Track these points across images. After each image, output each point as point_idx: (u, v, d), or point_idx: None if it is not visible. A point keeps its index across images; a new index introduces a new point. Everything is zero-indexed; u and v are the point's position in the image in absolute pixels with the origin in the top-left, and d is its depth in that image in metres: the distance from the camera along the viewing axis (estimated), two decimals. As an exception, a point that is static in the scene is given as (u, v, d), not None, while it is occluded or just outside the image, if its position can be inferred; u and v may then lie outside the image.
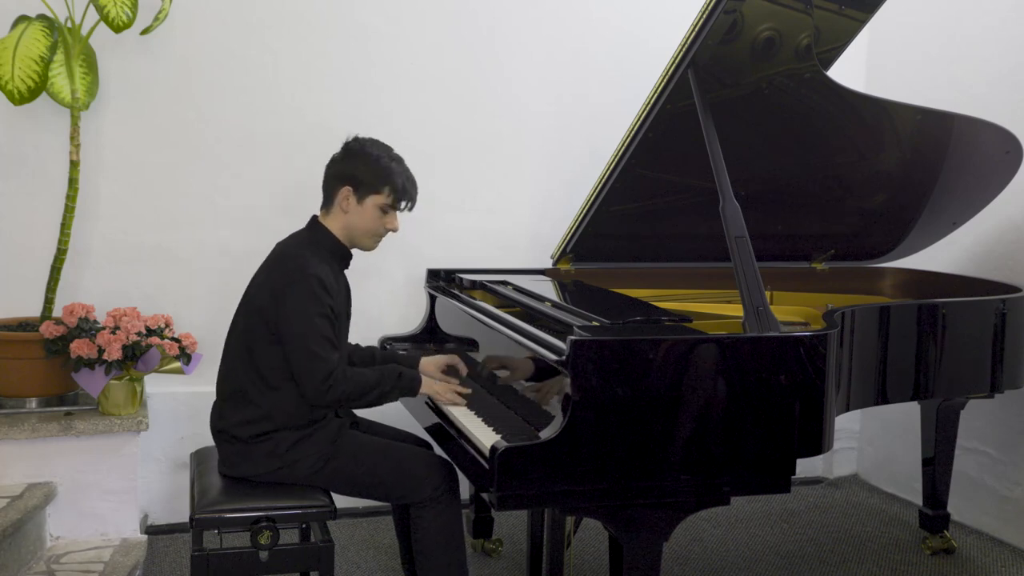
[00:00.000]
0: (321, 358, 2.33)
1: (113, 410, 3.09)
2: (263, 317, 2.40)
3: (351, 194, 2.49)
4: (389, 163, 2.50)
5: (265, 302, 2.40)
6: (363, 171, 2.48)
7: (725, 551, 3.45)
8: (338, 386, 2.34)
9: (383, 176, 2.48)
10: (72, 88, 3.16)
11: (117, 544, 3.06)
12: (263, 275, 2.49)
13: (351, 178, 2.48)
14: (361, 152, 2.50)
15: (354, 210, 2.50)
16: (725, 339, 2.18)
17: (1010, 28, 3.60)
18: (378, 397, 2.43)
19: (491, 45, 3.84)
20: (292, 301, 2.35)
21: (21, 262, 3.33)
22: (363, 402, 2.42)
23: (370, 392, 2.41)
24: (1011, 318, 3.07)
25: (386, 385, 2.43)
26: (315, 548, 2.38)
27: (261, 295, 2.43)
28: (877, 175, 3.32)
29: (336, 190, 2.50)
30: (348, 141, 2.55)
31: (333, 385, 2.33)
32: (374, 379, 2.42)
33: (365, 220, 2.51)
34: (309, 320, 2.34)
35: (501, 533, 3.45)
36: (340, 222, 2.52)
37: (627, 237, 3.38)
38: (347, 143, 2.55)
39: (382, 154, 2.51)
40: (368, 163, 2.48)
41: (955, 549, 3.49)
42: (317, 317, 2.35)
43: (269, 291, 2.40)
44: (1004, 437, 3.62)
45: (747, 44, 2.69)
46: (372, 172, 2.48)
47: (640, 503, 2.13)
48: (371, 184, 2.48)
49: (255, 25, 3.54)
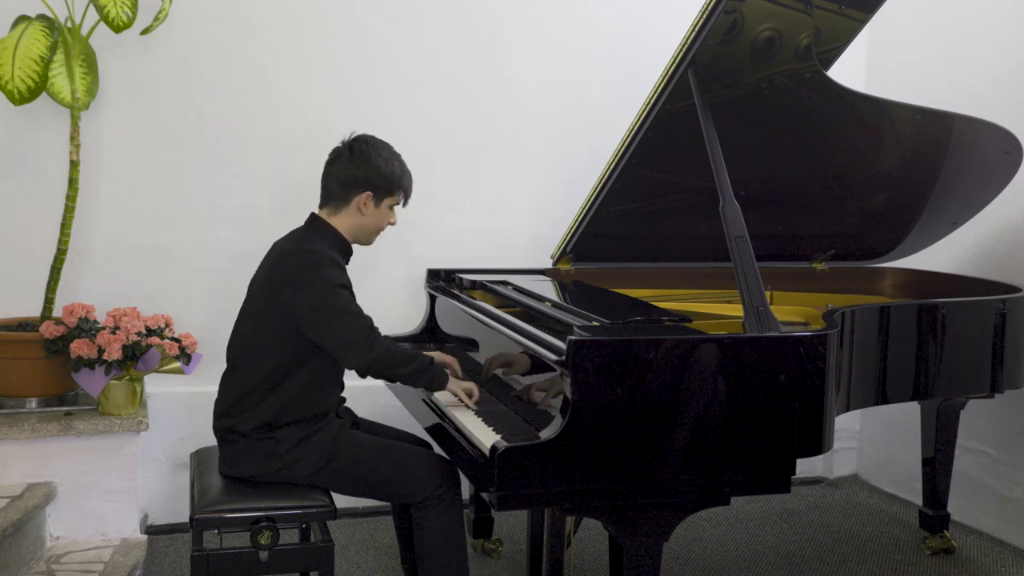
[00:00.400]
0: (357, 315, 2.41)
1: (113, 410, 3.09)
2: (277, 311, 2.41)
3: (371, 199, 2.53)
4: (399, 166, 2.58)
5: (281, 294, 2.41)
6: (382, 177, 2.53)
7: (725, 551, 3.45)
8: (380, 342, 2.40)
9: (397, 180, 2.56)
10: (72, 88, 3.16)
11: (117, 544, 3.06)
12: (268, 273, 2.49)
13: (371, 184, 2.52)
14: (377, 157, 2.53)
15: (371, 213, 2.55)
16: (725, 339, 2.18)
17: (1010, 28, 3.60)
18: (412, 373, 2.47)
19: (491, 45, 3.84)
20: (313, 283, 2.39)
21: (21, 262, 3.33)
22: (400, 373, 2.46)
23: (408, 364, 2.46)
24: (1011, 318, 3.07)
25: (422, 364, 2.49)
26: (315, 548, 2.38)
27: (273, 290, 2.43)
28: (877, 175, 3.32)
29: (354, 194, 2.52)
30: (353, 142, 2.56)
31: (375, 340, 2.40)
32: (411, 355, 2.48)
33: (378, 220, 2.58)
34: (335, 292, 2.40)
35: (501, 533, 3.45)
36: (353, 222, 2.55)
37: (627, 237, 3.38)
38: (355, 145, 2.55)
39: (393, 157, 2.57)
40: (385, 169, 2.53)
41: (955, 549, 3.49)
42: (340, 288, 2.42)
43: (287, 283, 2.41)
44: (1004, 437, 3.62)
45: (747, 44, 2.69)
46: (389, 178, 2.54)
47: (640, 503, 2.13)
48: (388, 189, 2.55)
49: (255, 25, 3.54)
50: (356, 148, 2.54)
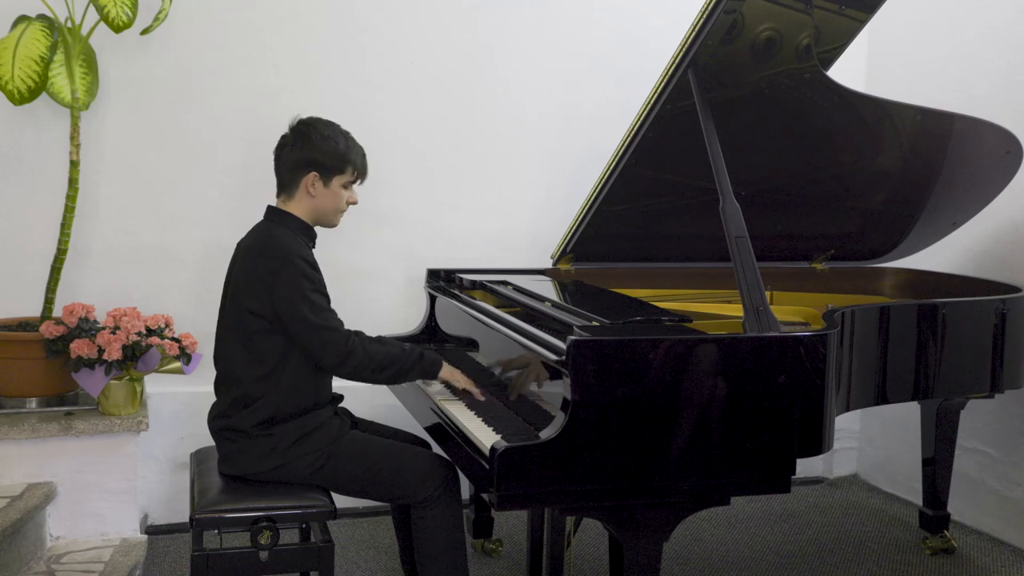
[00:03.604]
0: (331, 328, 2.40)
1: (113, 410, 3.09)
2: (255, 309, 2.41)
3: (317, 179, 2.52)
4: (345, 143, 2.56)
5: (256, 294, 2.41)
6: (324, 155, 2.52)
7: (725, 551, 3.45)
8: (356, 353, 2.40)
9: (344, 157, 2.54)
10: (72, 88, 3.16)
11: (117, 544, 3.06)
12: (240, 270, 2.49)
13: (315, 163, 2.52)
14: (318, 136, 2.52)
15: (321, 193, 2.54)
16: (725, 339, 2.18)
17: (1011, 28, 3.60)
18: (397, 373, 2.49)
19: (491, 45, 3.84)
20: (285, 286, 2.38)
21: (21, 262, 3.33)
22: (382, 376, 2.47)
23: (390, 367, 2.46)
24: (1011, 318, 3.07)
25: (407, 362, 2.49)
26: (315, 548, 2.38)
27: (248, 288, 2.43)
28: (877, 175, 3.32)
29: (300, 176, 2.53)
30: (296, 125, 2.57)
31: (352, 350, 2.40)
32: (395, 354, 2.48)
33: (332, 200, 2.56)
34: (307, 298, 2.39)
35: (501, 533, 3.45)
36: (307, 205, 2.55)
37: (627, 237, 3.37)
38: (297, 128, 2.56)
39: (336, 134, 2.55)
40: (327, 147, 2.52)
41: (955, 549, 3.49)
42: (313, 293, 2.41)
43: (257, 282, 2.41)
44: (1004, 437, 3.62)
45: (747, 44, 2.69)
46: (333, 155, 2.52)
47: (640, 503, 2.13)
48: (334, 166, 2.53)
49: (255, 25, 3.54)
50: (297, 131, 2.55)
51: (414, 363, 2.51)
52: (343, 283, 3.34)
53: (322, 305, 2.42)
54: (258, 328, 2.42)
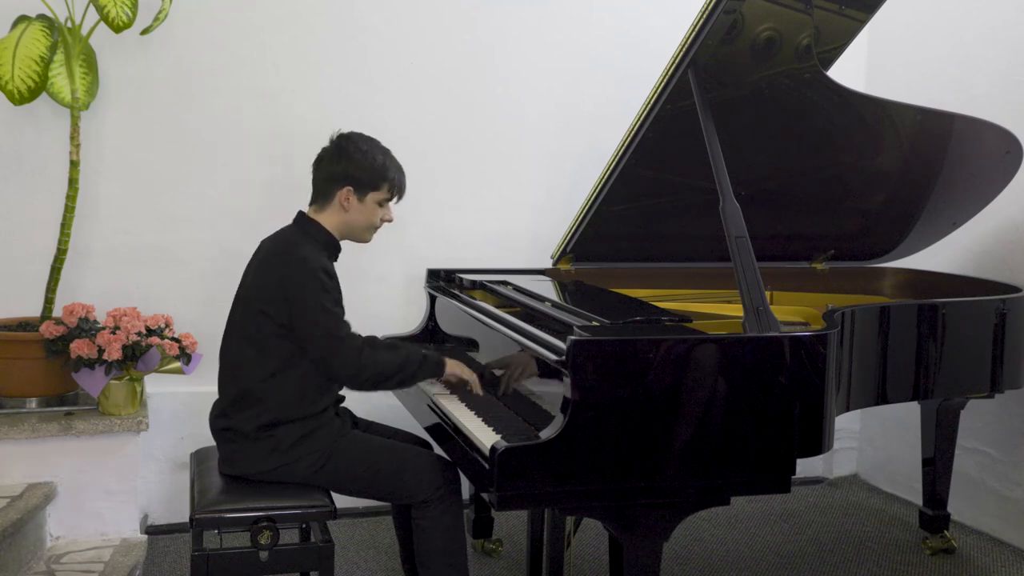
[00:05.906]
0: (348, 344, 2.41)
1: (113, 410, 3.09)
2: (270, 314, 2.40)
3: (352, 193, 2.52)
4: (384, 159, 2.55)
5: (272, 299, 2.40)
6: (361, 170, 2.52)
7: (725, 551, 3.45)
8: (367, 368, 2.42)
9: (381, 173, 2.54)
10: (72, 88, 3.16)
11: (117, 544, 3.06)
12: (259, 273, 2.49)
13: (351, 178, 2.51)
14: (356, 151, 2.53)
15: (355, 208, 2.54)
16: (725, 339, 2.18)
17: (1011, 28, 3.60)
18: (404, 379, 2.51)
19: (491, 45, 3.84)
20: (306, 297, 2.38)
21: (21, 262, 3.33)
22: (391, 383, 2.50)
23: (397, 374, 2.48)
24: (1011, 318, 3.07)
25: (411, 367, 2.50)
26: (315, 548, 2.38)
27: (264, 293, 2.43)
28: (877, 175, 3.33)
29: (335, 189, 2.52)
30: (336, 139, 2.57)
31: (364, 365, 2.41)
32: (400, 361, 2.48)
33: (366, 216, 2.56)
34: (327, 312, 2.39)
35: (501, 533, 3.45)
36: (338, 219, 2.55)
37: (627, 237, 3.37)
38: (337, 142, 2.56)
39: (374, 150, 2.55)
40: (364, 162, 2.52)
41: (955, 549, 3.49)
42: (334, 306, 2.42)
43: (276, 289, 2.40)
44: (1004, 437, 3.62)
45: (747, 44, 2.69)
46: (370, 171, 2.52)
47: (640, 503, 2.13)
48: (371, 183, 2.53)
49: (255, 25, 3.54)
50: (336, 144, 2.56)
51: (418, 367, 2.52)
52: (343, 283, 3.32)
53: (340, 319, 2.43)
54: (269, 330, 2.41)
